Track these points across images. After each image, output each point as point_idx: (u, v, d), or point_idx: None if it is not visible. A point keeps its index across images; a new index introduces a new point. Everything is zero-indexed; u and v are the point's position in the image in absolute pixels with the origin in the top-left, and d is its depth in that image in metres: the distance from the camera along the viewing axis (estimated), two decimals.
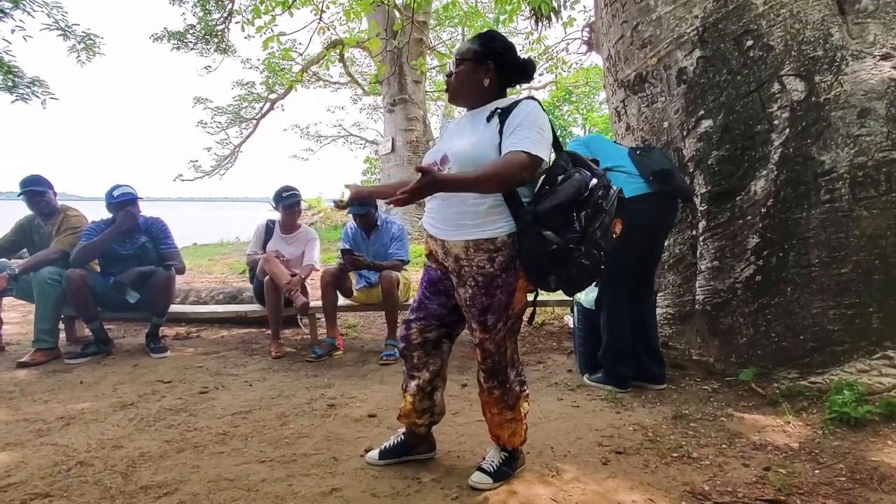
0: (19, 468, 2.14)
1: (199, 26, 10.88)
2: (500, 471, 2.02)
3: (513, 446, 2.07)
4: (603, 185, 1.85)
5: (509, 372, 1.97)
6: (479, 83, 1.92)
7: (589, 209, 1.79)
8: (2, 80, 5.87)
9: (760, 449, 2.24)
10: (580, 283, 1.86)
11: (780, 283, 2.86)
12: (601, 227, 1.79)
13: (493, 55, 1.92)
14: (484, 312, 1.86)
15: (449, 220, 1.87)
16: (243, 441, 2.40)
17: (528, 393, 2.06)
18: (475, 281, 1.85)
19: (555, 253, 1.74)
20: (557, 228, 1.75)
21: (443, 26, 17.44)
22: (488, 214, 1.80)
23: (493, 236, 1.80)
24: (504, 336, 1.91)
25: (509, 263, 1.81)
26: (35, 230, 4.08)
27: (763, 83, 2.95)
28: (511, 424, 2.02)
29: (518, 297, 1.88)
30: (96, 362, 3.68)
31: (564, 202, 1.77)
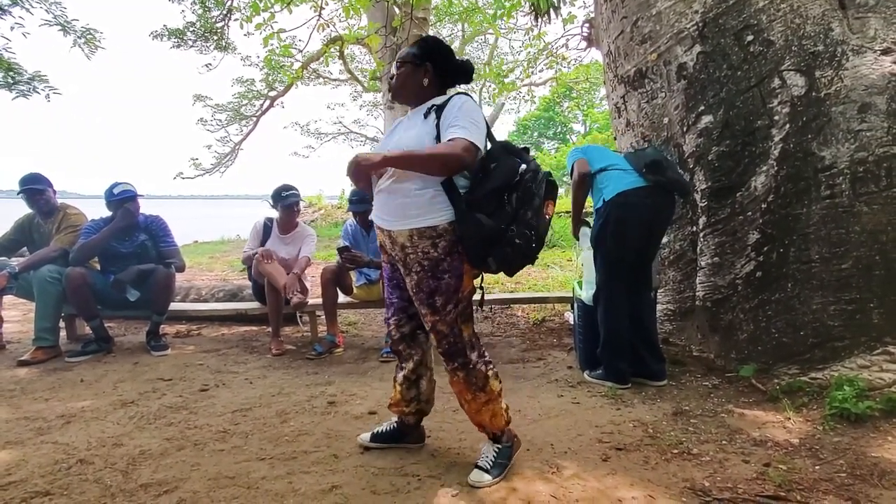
0: (20, 466, 2.15)
1: (199, 24, 10.87)
2: (497, 464, 2.04)
3: (498, 429, 2.09)
4: (532, 169, 1.96)
5: (469, 353, 2.03)
6: (418, 83, 2.09)
7: (519, 193, 1.91)
8: (1, 77, 5.86)
9: (761, 445, 2.24)
10: (515, 262, 1.95)
11: (780, 278, 2.85)
12: (532, 209, 1.90)
13: (431, 58, 2.09)
14: (431, 295, 1.96)
15: (394, 211, 1.98)
16: (243, 439, 2.40)
17: (495, 371, 2.10)
18: (420, 266, 1.96)
19: (490, 235, 1.86)
20: (491, 212, 1.87)
21: (442, 23, 17.39)
22: (429, 204, 1.92)
23: (435, 224, 1.92)
24: (455, 318, 2.00)
25: (452, 248, 1.94)
26: (35, 228, 4.08)
27: (763, 78, 2.94)
28: (488, 406, 2.06)
29: (466, 281, 1.99)
30: (97, 360, 3.68)
31: (496, 187, 1.89)
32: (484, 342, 3.98)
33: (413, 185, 1.94)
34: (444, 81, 2.14)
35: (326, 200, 18.17)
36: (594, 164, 3.09)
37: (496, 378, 2.09)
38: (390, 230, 2.00)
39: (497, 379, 2.09)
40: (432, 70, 2.09)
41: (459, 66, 2.16)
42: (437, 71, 2.10)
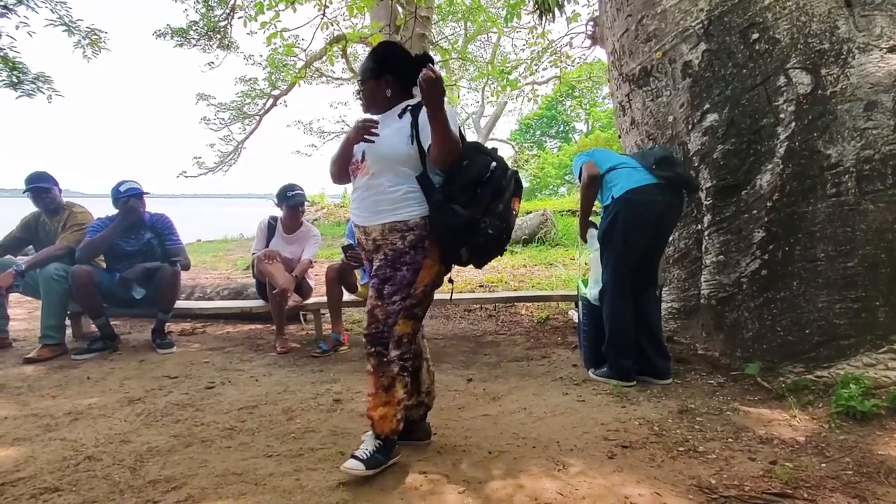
0: (28, 463, 2.16)
1: (202, 22, 10.88)
2: (373, 458, 2.04)
3: (381, 431, 2.08)
4: (501, 167, 2.11)
5: (391, 347, 2.05)
6: (382, 95, 2.18)
7: (491, 187, 2.05)
8: (7, 76, 5.89)
9: (767, 443, 2.24)
10: (487, 252, 2.09)
11: (785, 277, 2.85)
12: (503, 202, 2.06)
13: (388, 69, 2.18)
14: (383, 282, 2.05)
15: (369, 208, 2.11)
16: (250, 436, 2.41)
17: (407, 381, 2.11)
18: (385, 255, 2.07)
19: (464, 225, 1.99)
20: (465, 204, 2.01)
21: (446, 21, 17.39)
22: (402, 200, 2.06)
23: (407, 218, 2.05)
24: (398, 310, 2.04)
25: (418, 242, 2.05)
26: (41, 227, 4.09)
27: (769, 76, 2.94)
28: (384, 408, 2.07)
29: (422, 277, 2.06)
30: (103, 358, 3.70)
31: (469, 181, 2.04)
32: (488, 340, 4.02)
33: (387, 181, 2.07)
34: (409, 83, 2.20)
35: (329, 199, 18.19)
36: (602, 165, 3.09)
37: (404, 387, 2.09)
38: (365, 226, 2.14)
39: (405, 388, 2.09)
40: (393, 80, 2.17)
41: (417, 63, 2.14)
42: (398, 78, 2.18)
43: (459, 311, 5.00)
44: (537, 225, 8.78)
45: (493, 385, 3.06)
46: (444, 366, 3.46)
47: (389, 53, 2.23)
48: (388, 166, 2.08)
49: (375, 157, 2.11)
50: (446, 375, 3.25)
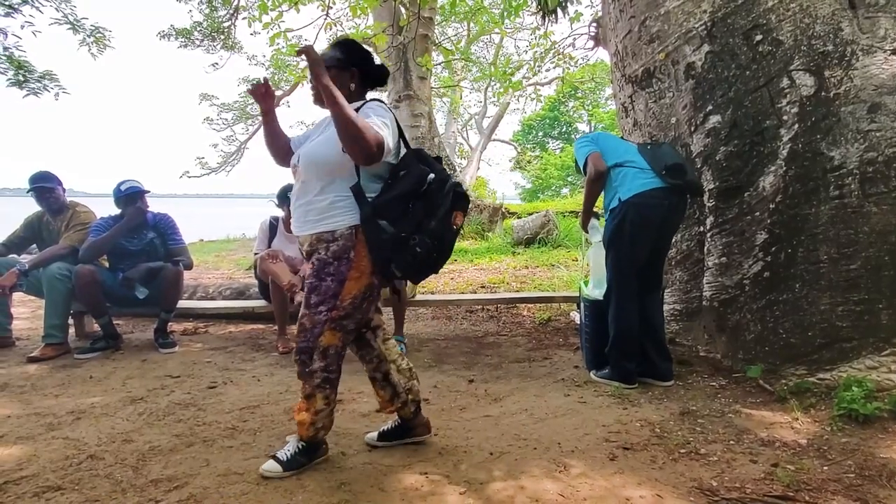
0: (31, 461, 2.17)
1: (206, 23, 10.92)
2: (293, 460, 2.06)
3: (299, 434, 2.11)
4: (439, 179, 2.00)
5: (315, 358, 2.01)
6: (345, 87, 2.04)
7: (424, 201, 1.96)
8: (13, 75, 5.91)
9: (768, 445, 2.24)
10: (415, 270, 1.99)
11: (788, 279, 2.85)
12: (436, 218, 1.95)
13: (356, 62, 2.10)
14: (310, 292, 1.99)
15: (300, 217, 2.05)
16: (252, 435, 2.42)
17: (328, 393, 2.08)
18: (313, 265, 2.01)
19: (391, 242, 1.90)
20: (395, 219, 1.92)
21: (448, 22, 17.41)
22: (329, 210, 1.97)
23: (333, 229, 1.96)
24: (323, 321, 1.98)
25: (343, 253, 1.96)
26: (44, 226, 4.11)
27: (772, 78, 2.93)
28: (303, 413, 2.08)
29: (349, 288, 1.98)
30: (105, 357, 3.71)
31: (400, 194, 1.95)
32: (490, 341, 4.03)
33: (316, 189, 1.99)
34: (365, 86, 2.17)
35: None
36: (607, 157, 3.05)
37: (324, 399, 2.07)
38: (298, 236, 2.08)
39: (325, 400, 2.07)
40: (358, 74, 2.10)
41: (379, 71, 2.19)
42: (362, 75, 2.12)
43: (461, 311, 5.00)
44: (539, 226, 8.78)
45: (494, 386, 3.06)
46: (446, 367, 3.46)
47: (358, 49, 2.16)
48: (317, 174, 1.99)
49: (305, 164, 2.03)
50: (447, 376, 3.26)
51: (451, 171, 11.34)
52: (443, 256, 2.02)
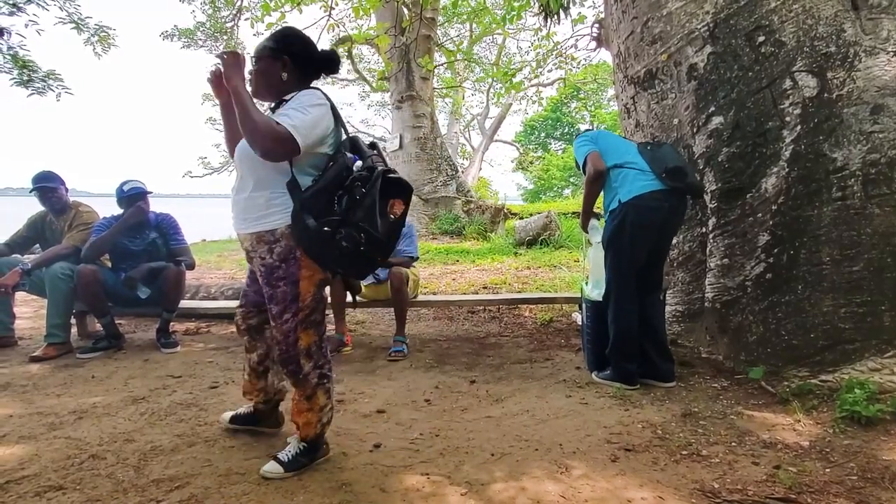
0: (33, 461, 2.17)
1: (209, 24, 10.94)
2: (295, 460, 2.07)
3: (305, 436, 2.10)
4: (367, 167, 1.93)
5: (302, 362, 2.01)
6: (277, 77, 2.00)
7: (351, 192, 1.88)
8: (17, 74, 5.93)
9: (770, 447, 2.24)
10: (350, 266, 1.94)
11: (790, 280, 2.84)
12: (362, 209, 1.85)
13: (288, 51, 2.01)
14: (269, 301, 1.96)
15: (238, 213, 1.99)
16: (253, 436, 2.42)
17: (328, 387, 2.09)
18: (260, 272, 1.96)
19: (316, 238, 1.83)
20: (319, 214, 1.85)
21: (451, 23, 17.42)
22: (267, 207, 1.90)
23: (273, 228, 1.90)
24: (294, 327, 1.97)
25: (288, 254, 1.90)
26: (47, 226, 4.12)
27: (775, 79, 2.93)
28: (306, 414, 2.07)
29: (305, 287, 1.95)
30: (107, 357, 3.71)
31: (323, 188, 1.87)
32: (491, 342, 4.02)
33: (251, 186, 1.93)
34: (306, 74, 2.08)
35: None
36: (607, 157, 3.04)
37: (325, 393, 2.08)
38: (238, 233, 2.03)
39: (326, 395, 2.08)
40: (290, 62, 2.01)
41: (321, 56, 2.09)
42: (297, 63, 2.02)
43: (463, 312, 5.00)
44: (541, 227, 8.78)
45: (496, 387, 3.06)
46: (447, 367, 3.46)
47: (292, 36, 2.08)
48: (251, 168, 1.93)
49: (239, 158, 1.98)
50: (449, 377, 3.26)
51: (452, 171, 11.38)
52: (378, 249, 1.93)
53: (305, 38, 2.10)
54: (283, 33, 2.08)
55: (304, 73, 2.07)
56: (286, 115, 1.84)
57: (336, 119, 1.99)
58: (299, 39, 2.08)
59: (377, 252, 1.94)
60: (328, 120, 1.94)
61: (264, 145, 1.80)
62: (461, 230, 10.44)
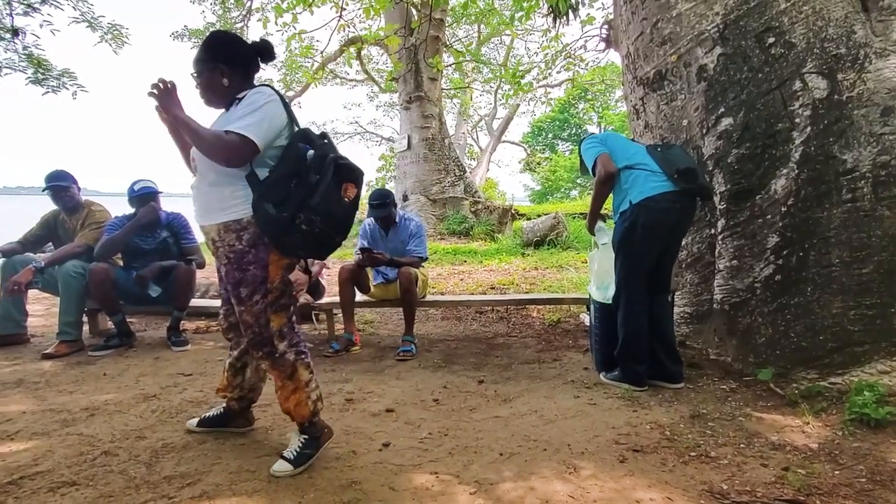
0: (46, 457, 2.20)
1: (219, 24, 11.02)
2: (301, 455, 2.10)
3: (302, 418, 2.14)
4: (320, 155, 2.02)
5: (277, 343, 2.07)
6: (220, 86, 2.09)
7: (305, 179, 1.98)
8: (32, 73, 6.01)
9: (779, 449, 2.23)
10: (312, 247, 2.05)
11: (800, 282, 2.83)
12: (318, 195, 1.95)
13: (220, 57, 2.09)
14: (237, 286, 2.02)
15: (202, 207, 2.07)
16: (263, 433, 2.45)
17: (307, 362, 2.15)
18: (227, 258, 2.03)
19: (278, 223, 1.93)
20: (279, 201, 1.94)
21: (459, 24, 17.43)
22: (232, 199, 1.99)
23: (239, 217, 1.99)
24: (264, 309, 2.04)
25: (257, 240, 2.00)
26: (60, 225, 4.17)
27: (785, 81, 2.92)
28: (294, 395, 2.12)
29: (273, 271, 2.04)
30: (119, 355, 3.75)
31: (279, 177, 1.98)
32: (499, 342, 4.03)
33: (212, 180, 2.02)
34: (246, 72, 2.16)
35: None
36: (617, 158, 3.02)
37: (306, 368, 2.14)
38: (202, 225, 2.11)
39: (307, 369, 2.14)
40: (228, 69, 2.09)
41: (254, 48, 2.18)
42: (233, 66, 2.11)
43: (471, 312, 5.01)
44: (549, 228, 8.78)
45: (504, 387, 3.07)
46: (456, 367, 3.47)
47: (220, 42, 2.16)
48: (211, 165, 2.00)
49: (199, 158, 2.06)
50: (457, 377, 3.27)
51: (460, 172, 11.39)
52: (337, 230, 2.06)
53: (233, 39, 2.20)
54: (210, 43, 2.14)
55: (245, 71, 2.15)
56: (241, 120, 1.94)
57: (287, 112, 2.08)
58: (227, 43, 2.17)
59: (336, 233, 2.06)
60: (280, 114, 2.03)
61: (224, 157, 1.94)
62: (469, 231, 10.46)
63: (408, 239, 4.03)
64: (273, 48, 2.23)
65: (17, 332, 4.01)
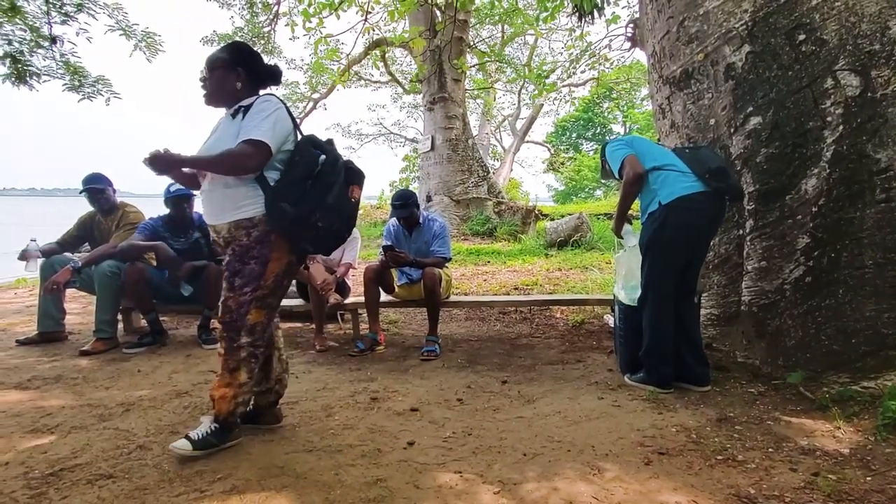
0: (84, 450, 2.29)
1: (247, 28, 11.21)
2: (205, 440, 2.19)
3: (219, 412, 2.23)
4: (332, 159, 2.22)
5: (243, 334, 2.19)
6: (232, 86, 2.26)
7: (320, 181, 2.17)
8: (69, 80, 6.21)
9: (809, 454, 2.19)
10: (324, 243, 2.26)
11: (831, 284, 2.78)
12: (332, 195, 2.15)
13: (242, 62, 2.26)
14: (233, 275, 2.16)
15: (216, 207, 2.21)
16: (291, 431, 2.49)
17: (253, 366, 2.25)
18: (233, 251, 2.17)
19: (295, 222, 2.11)
20: (295, 201, 2.11)
21: (483, 24, 17.42)
22: (244, 198, 2.15)
23: (251, 216, 2.15)
24: (249, 301, 2.17)
25: (264, 237, 2.15)
26: (96, 226, 4.30)
27: (816, 78, 2.87)
28: (224, 388, 2.22)
29: (272, 268, 2.18)
30: (152, 352, 3.86)
31: (298, 177, 2.16)
32: (523, 343, 4.03)
33: (224, 183, 2.17)
34: (256, 84, 2.33)
35: (365, 201, 18.43)
36: (644, 160, 2.99)
37: (249, 372, 2.23)
38: (214, 224, 2.24)
39: (249, 374, 2.23)
40: (244, 74, 2.26)
41: (269, 70, 2.36)
42: (249, 75, 2.28)
43: (494, 313, 5.02)
44: (573, 228, 8.72)
45: (527, 388, 3.07)
46: (479, 367, 3.49)
47: (245, 50, 2.33)
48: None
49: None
50: (481, 377, 3.28)
51: (483, 172, 11.38)
52: (345, 226, 2.25)
53: (256, 53, 2.37)
54: (237, 47, 2.32)
55: (254, 84, 2.32)
56: (255, 127, 2.10)
57: (292, 119, 2.26)
58: (251, 54, 2.33)
59: (346, 229, 2.26)
60: (287, 120, 2.21)
61: (242, 168, 2.11)
62: (492, 231, 10.45)
63: (431, 239, 4.06)
64: (282, 75, 2.44)
65: (56, 329, 4.15)
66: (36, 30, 6.05)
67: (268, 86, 2.39)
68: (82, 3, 5.98)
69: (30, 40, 6.06)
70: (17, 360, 3.64)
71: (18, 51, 5.96)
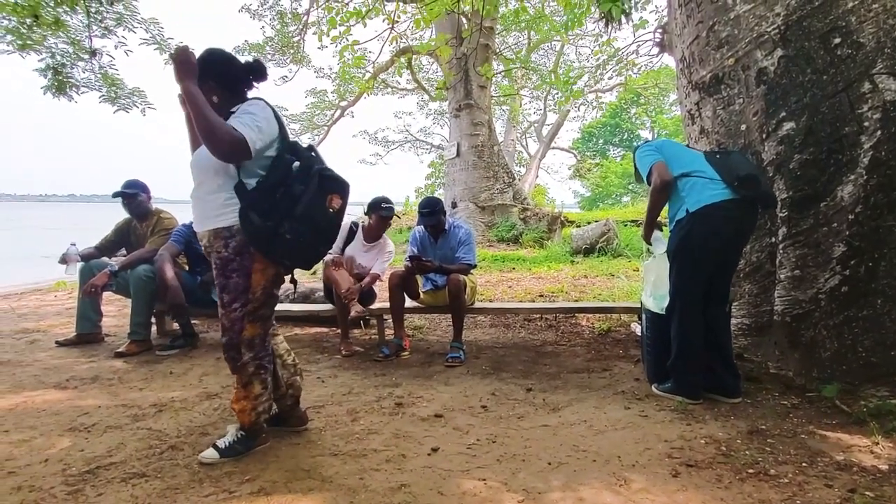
0: (119, 449, 2.36)
1: (277, 38, 11.44)
2: (231, 448, 2.23)
3: (242, 423, 2.26)
4: (305, 166, 2.12)
5: (243, 351, 2.17)
6: (210, 103, 2.09)
7: (290, 190, 2.08)
8: (106, 91, 6.44)
9: (845, 469, 2.13)
10: (296, 256, 2.14)
11: (868, 294, 2.69)
12: (302, 205, 2.05)
13: (211, 75, 2.15)
14: (221, 291, 2.13)
15: (198, 214, 2.17)
16: (317, 434, 2.52)
17: (265, 377, 2.24)
18: (216, 264, 2.13)
19: (262, 232, 2.02)
20: (265, 211, 2.03)
21: (509, 31, 17.43)
22: (224, 206, 2.09)
23: (229, 225, 2.08)
24: (241, 317, 2.14)
25: (243, 248, 2.09)
26: (132, 231, 4.43)
27: (852, 83, 2.80)
28: (242, 402, 2.23)
29: (257, 280, 2.13)
30: (183, 354, 3.95)
31: (268, 185, 2.07)
32: (548, 351, 4.01)
33: (207, 190, 2.12)
34: (236, 89, 2.24)
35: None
36: (673, 166, 2.95)
37: (262, 384, 2.24)
38: (198, 232, 2.21)
39: (262, 385, 2.24)
40: (216, 86, 2.17)
41: (247, 67, 2.25)
42: (223, 84, 2.20)
43: (519, 320, 5.00)
44: (599, 235, 8.64)
45: (552, 396, 3.05)
46: (504, 374, 3.47)
47: (209, 59, 2.20)
48: (206, 176, 2.13)
49: (194, 168, 2.19)
50: (505, 384, 3.27)
51: (509, 179, 11.37)
52: (320, 239, 2.17)
53: (225, 57, 2.25)
54: (202, 59, 2.18)
55: (234, 89, 2.24)
56: (241, 122, 2.03)
57: (279, 125, 2.18)
58: (219, 61, 2.23)
59: (319, 243, 2.18)
60: (273, 126, 2.14)
61: (221, 147, 2.00)
62: (518, 238, 10.42)
63: (457, 246, 4.07)
64: (265, 69, 2.32)
65: (93, 331, 4.28)
66: (77, 43, 6.28)
67: (252, 85, 2.30)
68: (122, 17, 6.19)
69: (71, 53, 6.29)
70: (57, 361, 3.77)
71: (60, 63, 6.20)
